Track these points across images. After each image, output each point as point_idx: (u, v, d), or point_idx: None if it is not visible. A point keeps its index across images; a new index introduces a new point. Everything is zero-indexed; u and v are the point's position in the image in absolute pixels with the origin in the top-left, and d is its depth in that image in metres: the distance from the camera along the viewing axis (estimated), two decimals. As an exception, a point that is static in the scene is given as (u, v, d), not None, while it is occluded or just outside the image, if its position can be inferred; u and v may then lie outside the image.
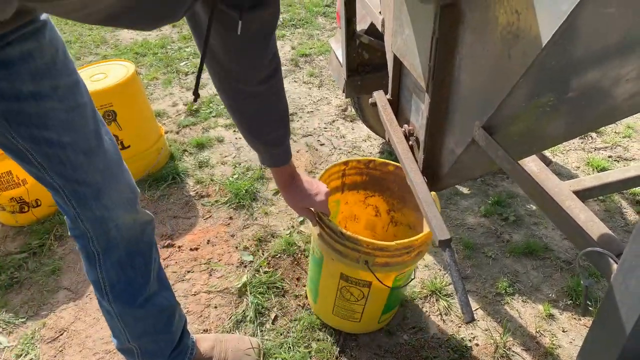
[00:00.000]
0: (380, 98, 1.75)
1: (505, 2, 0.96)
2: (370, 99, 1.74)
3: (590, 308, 1.99)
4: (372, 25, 2.23)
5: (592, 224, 1.51)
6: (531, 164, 1.92)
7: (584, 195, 1.98)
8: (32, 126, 1.10)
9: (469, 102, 1.22)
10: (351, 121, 3.45)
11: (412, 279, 1.89)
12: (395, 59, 1.58)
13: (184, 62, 4.40)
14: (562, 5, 0.81)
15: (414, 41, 1.38)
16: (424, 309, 2.09)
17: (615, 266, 0.89)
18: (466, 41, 1.16)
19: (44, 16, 1.08)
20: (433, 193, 1.75)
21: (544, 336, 1.97)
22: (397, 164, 1.84)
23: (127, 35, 5.09)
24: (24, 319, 2.10)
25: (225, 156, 3.12)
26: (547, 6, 0.85)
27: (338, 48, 2.59)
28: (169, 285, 1.59)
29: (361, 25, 2.30)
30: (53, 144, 1.14)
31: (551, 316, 2.05)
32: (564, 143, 3.10)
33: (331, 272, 1.78)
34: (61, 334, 2.04)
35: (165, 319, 1.55)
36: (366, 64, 2.43)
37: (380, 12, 1.77)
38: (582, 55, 0.95)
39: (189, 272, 2.30)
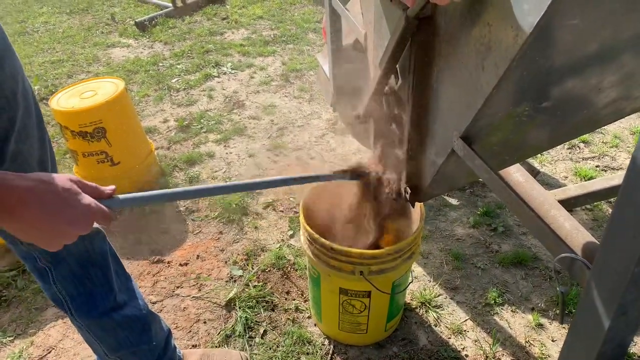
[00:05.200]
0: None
1: (478, 14, 0.98)
2: (354, 112, 1.76)
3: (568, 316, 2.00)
4: (357, 39, 2.25)
5: (577, 232, 1.52)
6: (517, 174, 1.94)
7: (569, 204, 1.99)
8: None
9: (448, 113, 1.24)
10: (341, 135, 3.47)
11: (410, 282, 1.90)
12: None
13: (175, 79, 4.42)
14: (529, 17, 0.83)
15: (394, 54, 1.40)
16: (414, 321, 2.09)
17: (588, 272, 0.90)
18: (443, 53, 1.18)
19: None
20: (419, 203, 1.77)
21: (534, 346, 1.97)
22: None
23: (119, 53, 5.13)
24: (12, 337, 2.09)
25: (216, 171, 3.13)
26: (515, 18, 0.87)
27: (325, 63, 2.61)
28: (140, 296, 1.58)
29: (347, 40, 2.32)
30: None
31: (540, 326, 2.05)
32: (551, 153, 3.13)
33: (330, 289, 1.79)
34: (49, 352, 2.02)
35: (138, 329, 1.53)
36: (353, 78, 2.45)
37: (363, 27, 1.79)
38: (554, 65, 0.97)
39: (178, 287, 2.29)
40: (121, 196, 0.94)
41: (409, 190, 1.53)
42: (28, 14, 6.64)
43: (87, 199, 0.82)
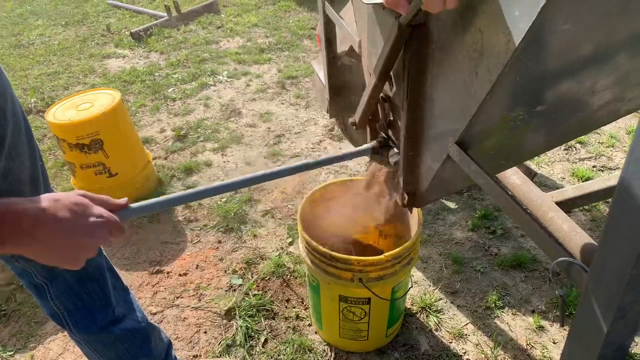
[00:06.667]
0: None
1: (470, 20, 0.99)
2: (350, 119, 1.76)
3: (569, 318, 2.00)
4: (352, 47, 2.26)
5: (575, 234, 1.52)
6: (514, 177, 1.94)
7: (567, 205, 2.00)
8: None
9: (443, 119, 1.24)
10: (338, 140, 3.48)
11: (410, 288, 1.90)
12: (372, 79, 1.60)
13: (171, 88, 4.43)
14: (520, 23, 0.83)
15: (388, 61, 1.40)
16: (415, 326, 2.08)
17: (586, 276, 0.90)
18: (436, 60, 1.18)
19: None
20: (416, 208, 1.77)
21: (535, 348, 1.96)
22: None
23: (115, 64, 5.14)
24: (12, 352, 2.08)
25: (214, 180, 3.13)
26: (507, 24, 0.87)
27: (320, 70, 2.62)
28: (138, 308, 1.57)
29: (342, 47, 2.33)
30: None
31: (541, 328, 2.04)
32: (548, 154, 3.14)
33: (330, 296, 1.79)
34: (49, 366, 2.01)
35: (139, 342, 1.53)
36: (349, 85, 2.46)
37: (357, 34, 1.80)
38: (547, 69, 0.98)
39: (178, 297, 2.29)
40: (133, 205, 0.95)
41: (406, 196, 1.53)
42: (23, 26, 6.66)
43: (98, 209, 0.83)
